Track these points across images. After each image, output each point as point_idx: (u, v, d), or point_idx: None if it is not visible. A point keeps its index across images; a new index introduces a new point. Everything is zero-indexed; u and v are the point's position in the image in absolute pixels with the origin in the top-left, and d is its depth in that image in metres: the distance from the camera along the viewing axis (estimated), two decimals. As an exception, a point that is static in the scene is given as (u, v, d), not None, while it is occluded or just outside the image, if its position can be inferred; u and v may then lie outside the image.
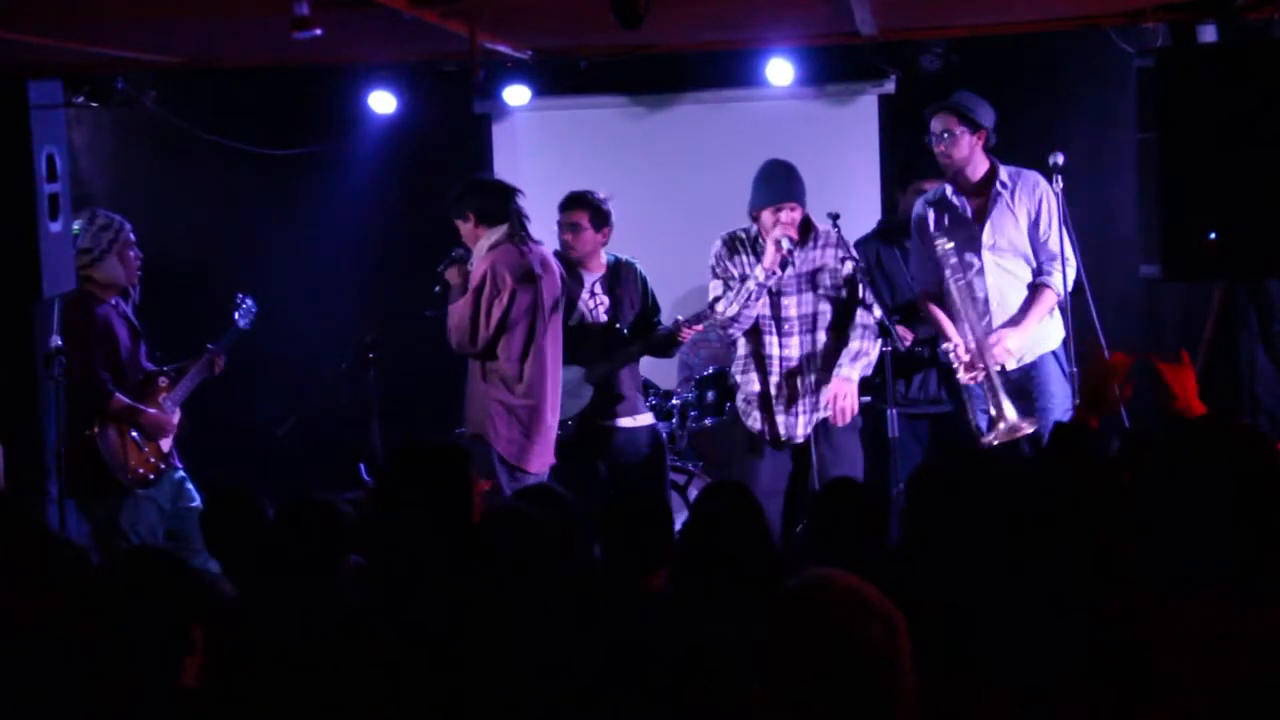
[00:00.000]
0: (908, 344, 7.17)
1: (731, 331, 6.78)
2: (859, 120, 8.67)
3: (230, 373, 7.08)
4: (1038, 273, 6.76)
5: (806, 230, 6.76)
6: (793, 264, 6.70)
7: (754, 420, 6.82)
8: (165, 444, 6.71)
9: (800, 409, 6.74)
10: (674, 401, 8.04)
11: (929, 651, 2.54)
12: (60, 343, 6.34)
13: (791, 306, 6.75)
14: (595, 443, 7.23)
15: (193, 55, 6.80)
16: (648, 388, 7.78)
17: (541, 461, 6.76)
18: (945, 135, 6.81)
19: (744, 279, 6.69)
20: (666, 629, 3.33)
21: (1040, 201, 6.74)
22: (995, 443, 6.52)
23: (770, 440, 6.78)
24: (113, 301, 6.64)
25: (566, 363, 7.08)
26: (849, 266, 6.72)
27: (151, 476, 6.62)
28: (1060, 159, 6.60)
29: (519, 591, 3.36)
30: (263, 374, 8.31)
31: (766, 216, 6.67)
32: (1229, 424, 3.26)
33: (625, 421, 7.27)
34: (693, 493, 7.68)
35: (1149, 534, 2.94)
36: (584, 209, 7.26)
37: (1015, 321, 6.74)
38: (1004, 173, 6.87)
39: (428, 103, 8.31)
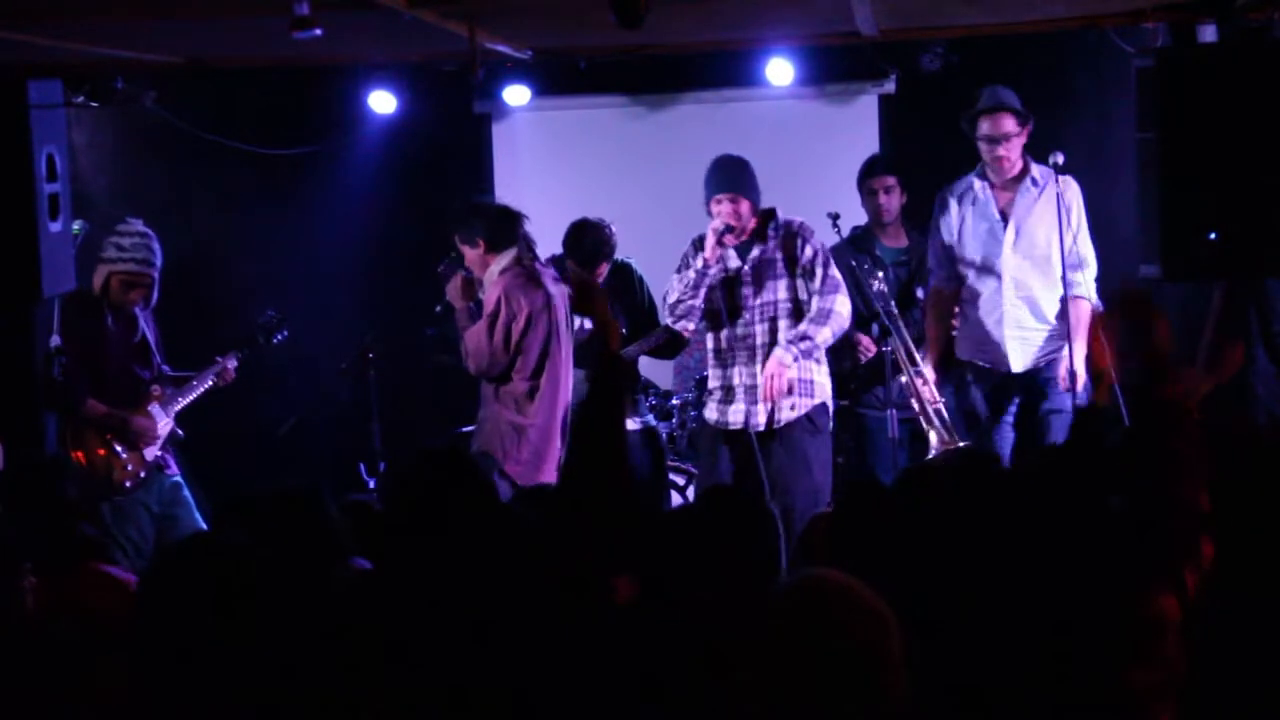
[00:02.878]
0: (870, 355, 7.17)
1: (676, 321, 6.79)
2: (859, 120, 8.67)
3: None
4: (1065, 280, 6.74)
5: (766, 222, 6.74)
6: (727, 254, 6.68)
7: (712, 410, 6.83)
8: (150, 451, 6.67)
9: (760, 398, 6.70)
10: (674, 401, 8.04)
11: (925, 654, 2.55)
12: (60, 342, 6.34)
13: (751, 296, 6.73)
14: None
15: (193, 55, 6.80)
16: (647, 388, 7.78)
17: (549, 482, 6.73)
18: (1003, 138, 6.79)
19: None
20: (660, 630, 3.33)
21: (1072, 202, 6.74)
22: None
23: (726, 430, 6.77)
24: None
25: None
26: (809, 254, 6.70)
27: (128, 484, 6.58)
28: (1060, 159, 6.60)
29: (517, 596, 3.35)
30: (263, 374, 8.31)
31: (711, 209, 6.70)
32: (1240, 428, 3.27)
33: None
34: (693, 493, 7.68)
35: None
36: None
37: (1071, 345, 6.68)
38: (1036, 170, 6.86)
39: (428, 103, 8.31)
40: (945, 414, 6.84)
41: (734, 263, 6.74)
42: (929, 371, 6.92)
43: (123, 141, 8.56)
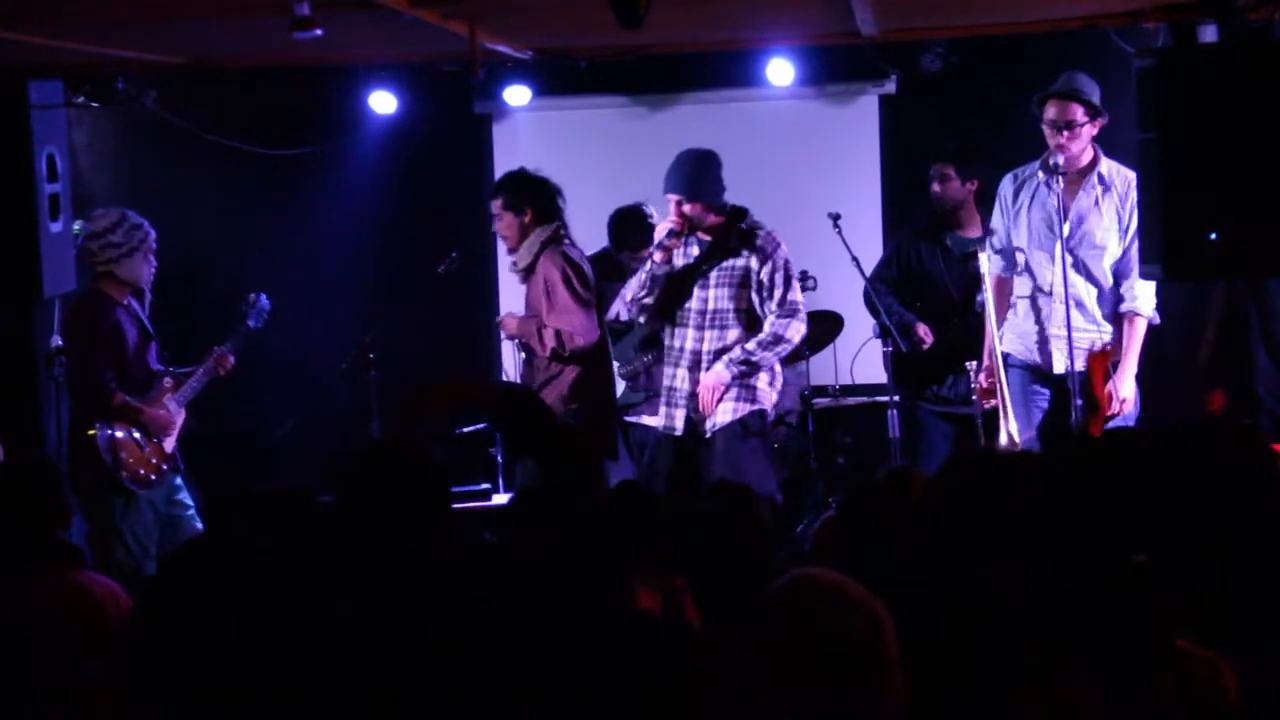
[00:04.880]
0: (928, 344, 7.14)
1: (634, 315, 6.84)
2: (859, 120, 8.67)
3: (231, 373, 7.08)
4: (1117, 290, 6.57)
5: (732, 223, 6.68)
6: (688, 252, 6.68)
7: (658, 414, 6.83)
8: (169, 444, 6.71)
9: (697, 407, 6.69)
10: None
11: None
12: (60, 342, 6.34)
13: (709, 300, 6.68)
14: (624, 437, 7.25)
15: (193, 55, 6.80)
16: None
17: None
18: (1067, 126, 6.53)
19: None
20: (662, 628, 3.32)
21: (1133, 210, 6.45)
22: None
23: (668, 434, 6.77)
24: (125, 301, 6.65)
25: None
26: (768, 269, 6.62)
27: (153, 477, 6.61)
28: (1060, 160, 6.58)
29: (514, 591, 3.35)
30: (263, 374, 8.31)
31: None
32: (1228, 428, 3.26)
33: (652, 419, 7.26)
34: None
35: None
36: None
37: (1121, 364, 6.51)
38: (1106, 165, 6.63)
39: (428, 103, 8.31)
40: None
41: (691, 261, 6.72)
42: (983, 378, 6.71)
43: (123, 141, 8.56)
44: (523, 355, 6.99)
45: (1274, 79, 5.72)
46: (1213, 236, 5.72)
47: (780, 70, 7.89)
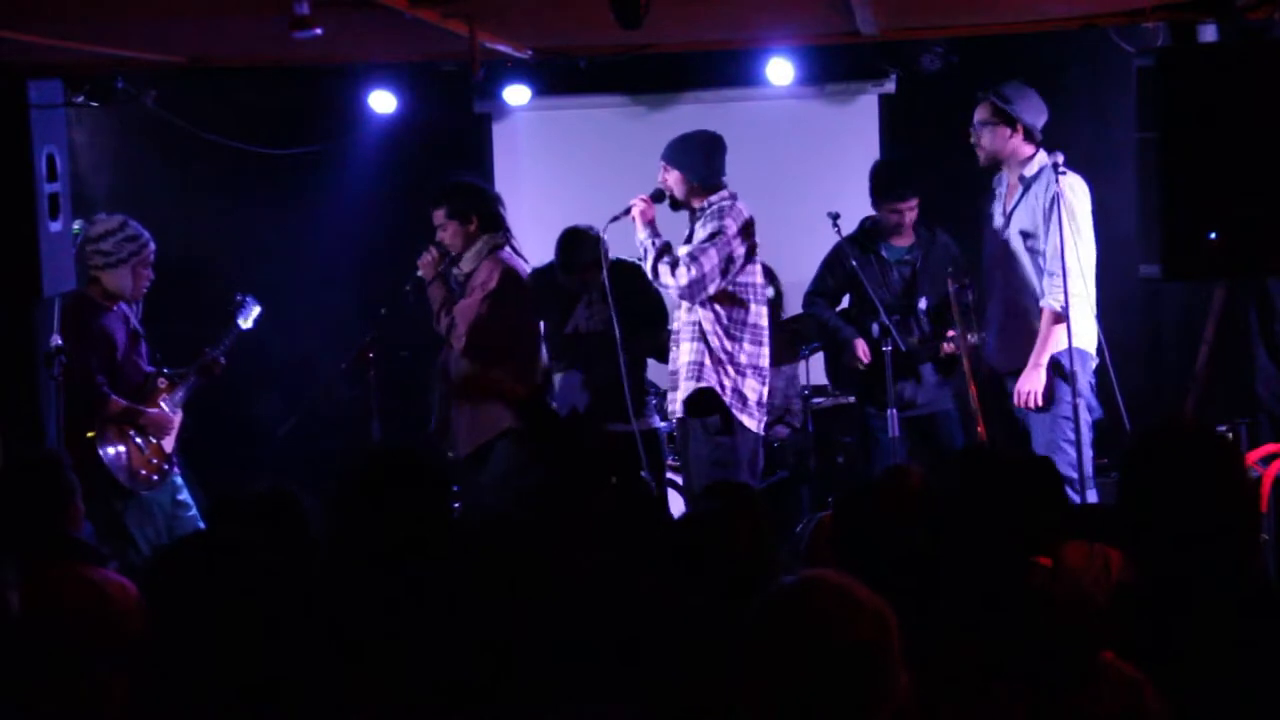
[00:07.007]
0: (866, 364, 7.18)
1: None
2: (859, 120, 8.68)
3: (230, 372, 7.09)
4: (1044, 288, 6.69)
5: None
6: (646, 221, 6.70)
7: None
8: (167, 444, 6.72)
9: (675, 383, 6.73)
10: (674, 402, 8.04)
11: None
12: (60, 342, 6.34)
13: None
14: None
15: (193, 55, 6.80)
16: (648, 389, 7.77)
17: None
18: (979, 125, 6.81)
19: None
20: (660, 626, 3.33)
21: (1050, 207, 6.62)
22: None
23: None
24: (113, 306, 6.65)
25: (566, 369, 7.17)
26: (701, 234, 6.61)
27: (155, 477, 6.63)
28: (1060, 159, 6.58)
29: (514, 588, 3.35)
30: (263, 374, 8.31)
31: None
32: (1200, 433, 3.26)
33: (624, 427, 7.26)
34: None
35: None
36: None
37: (1032, 359, 6.64)
38: (1035, 168, 6.78)
39: (428, 103, 8.32)
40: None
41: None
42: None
43: (123, 141, 8.56)
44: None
45: (1274, 79, 5.72)
46: (1212, 236, 5.72)
47: (780, 70, 7.89)
